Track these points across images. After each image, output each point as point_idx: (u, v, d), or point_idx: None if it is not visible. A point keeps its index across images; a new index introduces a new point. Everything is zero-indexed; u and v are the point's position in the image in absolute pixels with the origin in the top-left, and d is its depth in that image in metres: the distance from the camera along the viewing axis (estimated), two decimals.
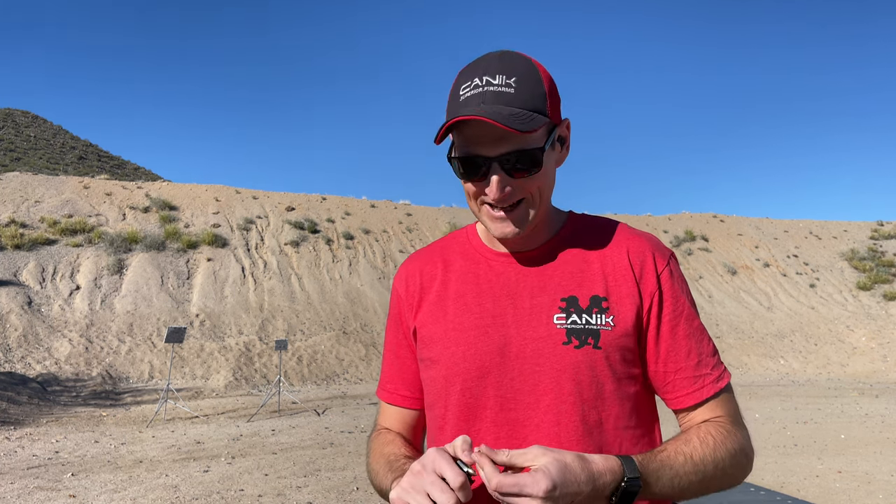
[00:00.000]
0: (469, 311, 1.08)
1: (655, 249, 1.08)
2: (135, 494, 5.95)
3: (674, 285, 1.06)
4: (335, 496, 5.93)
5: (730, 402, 1.08)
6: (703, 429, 1.02)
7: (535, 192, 1.01)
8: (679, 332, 1.05)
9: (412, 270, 1.17)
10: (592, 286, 1.04)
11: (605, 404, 1.01)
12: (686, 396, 1.05)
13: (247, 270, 21.33)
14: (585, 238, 1.09)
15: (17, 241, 19.22)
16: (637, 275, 1.04)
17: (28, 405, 11.23)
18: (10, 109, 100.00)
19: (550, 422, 1.01)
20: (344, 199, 28.56)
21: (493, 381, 1.04)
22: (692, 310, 1.07)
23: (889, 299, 26.71)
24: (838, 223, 34.66)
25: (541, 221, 1.09)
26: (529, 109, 0.97)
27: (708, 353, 1.06)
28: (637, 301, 1.03)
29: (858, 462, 7.55)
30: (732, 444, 1.01)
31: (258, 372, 16.00)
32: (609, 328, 1.02)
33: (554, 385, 1.01)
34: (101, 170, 77.03)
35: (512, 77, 0.98)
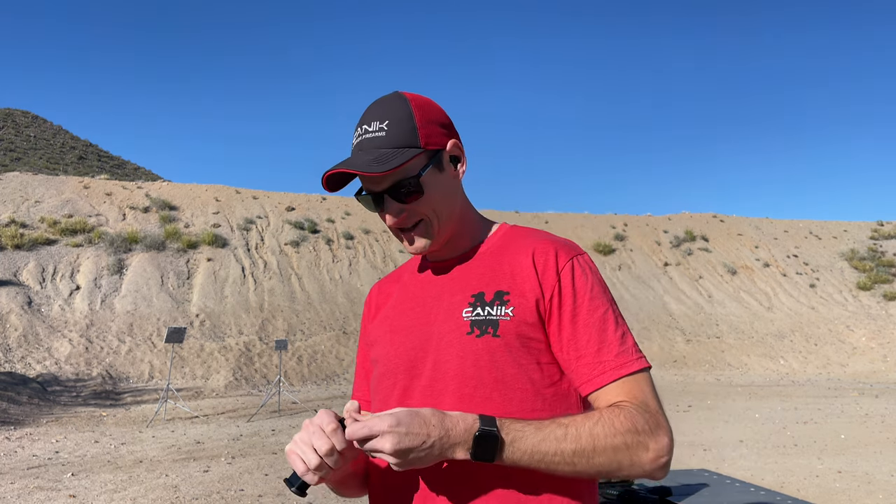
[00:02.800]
0: (403, 314, 1.23)
1: (560, 249, 1.15)
2: (135, 494, 5.95)
3: (574, 280, 1.12)
4: (335, 496, 5.93)
5: (637, 389, 1.07)
6: (599, 409, 1.05)
7: (429, 213, 1.16)
8: (579, 322, 1.10)
9: (373, 292, 1.37)
10: (499, 283, 1.15)
11: (508, 389, 1.09)
12: (587, 383, 1.09)
13: (247, 270, 21.33)
14: (505, 244, 1.21)
15: (17, 241, 19.23)
16: (539, 272, 1.13)
17: (28, 405, 11.24)
18: (10, 109, 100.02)
19: (457, 406, 1.09)
20: (344, 199, 28.57)
21: (416, 373, 1.16)
22: (596, 302, 1.11)
23: (889, 299, 26.72)
24: (838, 223, 34.67)
25: (458, 232, 1.22)
26: (400, 146, 1.13)
27: (612, 341, 1.09)
28: (538, 294, 1.11)
29: (858, 462, 7.56)
30: (621, 421, 1.01)
31: (258, 372, 16.00)
32: (508, 318, 1.10)
33: (459, 371, 1.11)
34: (101, 170, 77.05)
35: (385, 121, 1.15)
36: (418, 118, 1.16)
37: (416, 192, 1.14)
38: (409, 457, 0.96)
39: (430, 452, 0.97)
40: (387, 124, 1.14)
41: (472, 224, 1.25)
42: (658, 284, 26.07)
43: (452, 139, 1.20)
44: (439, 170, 1.17)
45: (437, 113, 1.20)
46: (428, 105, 1.20)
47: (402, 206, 1.16)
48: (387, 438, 0.95)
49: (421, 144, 1.14)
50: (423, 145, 1.15)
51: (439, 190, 1.17)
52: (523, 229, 1.24)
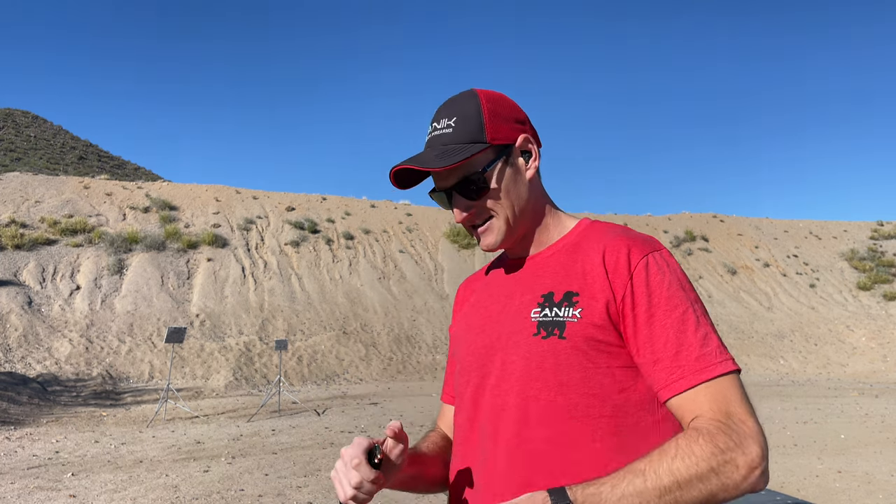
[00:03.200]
0: (478, 312, 1.24)
1: (633, 247, 1.09)
2: (135, 494, 5.95)
3: (649, 278, 1.06)
4: (335, 496, 5.93)
5: (719, 395, 1.01)
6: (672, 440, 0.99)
7: (497, 208, 1.16)
8: (655, 323, 1.04)
9: (461, 288, 1.39)
10: (570, 283, 1.11)
11: (573, 392, 1.06)
12: (665, 388, 1.04)
13: (247, 270, 21.33)
14: (580, 242, 1.17)
15: (17, 241, 19.23)
16: (609, 271, 1.08)
17: (28, 405, 11.24)
18: (10, 109, 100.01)
19: (521, 407, 1.09)
20: (344, 199, 28.57)
21: (487, 371, 1.16)
22: (674, 300, 1.05)
23: (889, 299, 26.71)
24: (838, 223, 34.66)
25: (532, 229, 1.21)
26: (466, 142, 1.14)
27: (692, 343, 1.03)
28: (608, 296, 1.07)
29: (858, 462, 7.56)
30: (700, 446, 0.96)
31: (258, 372, 16.00)
32: (575, 320, 1.07)
33: (524, 373, 1.10)
34: (101, 170, 77.05)
35: (453, 118, 1.16)
36: (486, 114, 1.16)
37: (483, 187, 1.15)
38: None
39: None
40: (454, 121, 1.16)
41: (549, 220, 1.23)
42: None
43: (523, 134, 1.19)
44: (508, 165, 1.16)
45: (508, 108, 1.19)
46: (499, 100, 1.19)
47: (470, 203, 1.16)
48: None
49: (487, 140, 1.14)
50: (489, 140, 1.14)
51: (507, 185, 1.16)
52: (602, 226, 1.20)
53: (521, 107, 1.23)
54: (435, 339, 19.95)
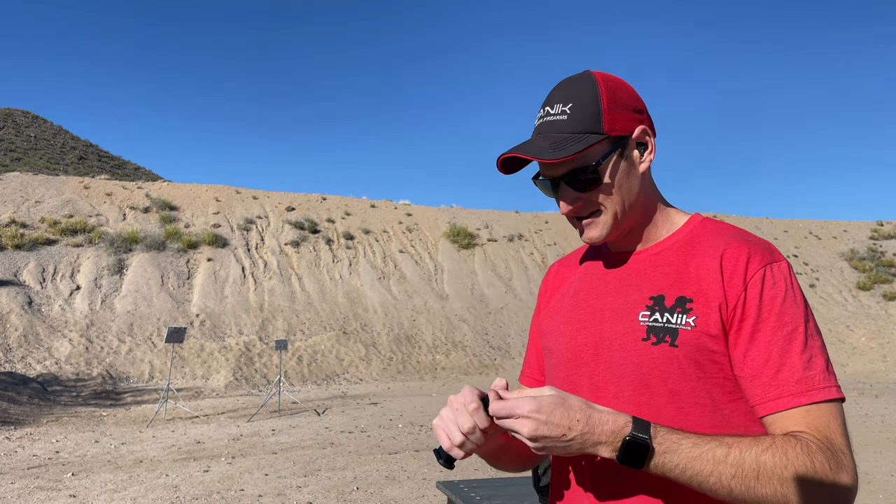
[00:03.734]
0: (578, 306, 1.18)
1: (753, 254, 1.04)
2: (135, 494, 5.95)
3: (763, 290, 1.01)
4: (335, 496, 5.93)
5: (820, 421, 0.96)
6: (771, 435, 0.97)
7: (606, 203, 1.10)
8: (760, 338, 1.00)
9: (551, 272, 1.33)
10: (683, 287, 1.06)
11: (683, 403, 1.03)
12: (760, 405, 1.00)
13: (247, 270, 21.33)
14: (695, 241, 1.12)
15: (17, 241, 19.23)
16: (726, 277, 1.04)
17: (28, 405, 11.24)
18: (10, 109, 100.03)
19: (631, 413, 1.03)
20: (344, 199, 28.57)
21: (586, 371, 1.11)
22: (785, 318, 1.01)
23: (889, 299, 26.72)
24: (838, 223, 34.68)
25: (641, 223, 1.15)
26: (581, 132, 1.07)
27: (796, 363, 0.98)
28: (722, 303, 1.03)
29: (858, 462, 7.53)
30: (797, 453, 0.91)
31: (258, 372, 16.00)
32: (689, 328, 1.03)
33: (633, 379, 1.05)
34: (101, 170, 77.07)
35: (569, 104, 1.09)
36: (605, 102, 1.09)
37: (594, 181, 1.08)
38: (546, 444, 0.94)
39: (569, 445, 0.94)
40: (570, 107, 1.09)
41: (658, 215, 1.17)
42: None
43: (641, 125, 1.12)
44: (623, 158, 1.10)
45: (627, 96, 1.12)
46: (618, 87, 1.12)
47: (578, 195, 1.10)
48: (525, 423, 0.93)
49: (604, 130, 1.08)
50: (606, 131, 1.08)
51: (620, 179, 1.10)
52: (716, 225, 1.14)
53: (638, 94, 1.16)
54: (435, 339, 19.95)
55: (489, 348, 20.01)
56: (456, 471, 6.93)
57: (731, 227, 1.13)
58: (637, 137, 1.12)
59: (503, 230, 28.27)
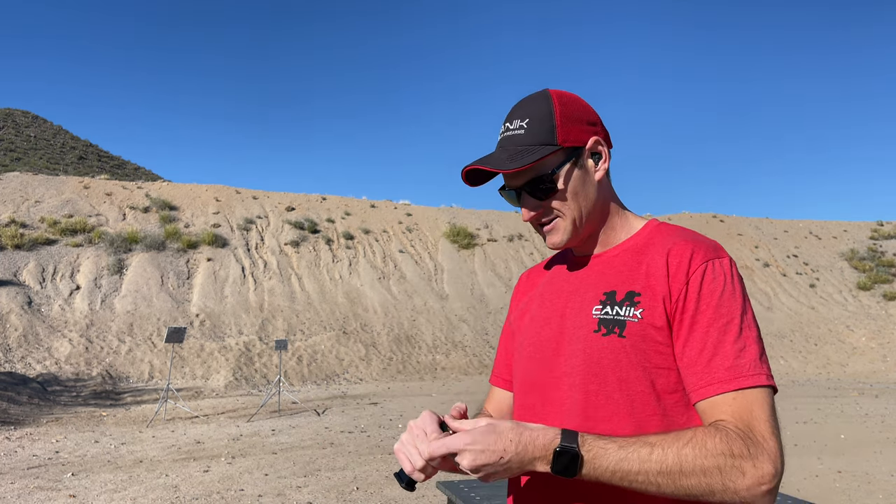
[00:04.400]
0: (543, 305, 1.27)
1: (696, 251, 1.11)
2: (135, 494, 5.95)
3: (703, 284, 1.08)
4: (335, 496, 5.93)
5: (745, 407, 1.01)
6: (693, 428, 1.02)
7: (564, 209, 1.19)
8: (697, 329, 1.07)
9: (522, 279, 1.41)
10: (633, 283, 1.14)
11: (630, 390, 1.10)
12: (693, 392, 1.06)
13: (247, 270, 21.33)
14: (649, 243, 1.20)
15: (17, 241, 19.23)
16: (671, 273, 1.11)
17: (28, 405, 11.24)
18: (10, 109, 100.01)
19: (580, 400, 1.13)
20: (344, 199, 28.57)
21: (547, 364, 1.20)
22: (722, 310, 1.07)
23: (889, 299, 26.71)
24: (838, 223, 34.67)
25: (599, 228, 1.24)
26: (537, 144, 1.16)
27: (727, 352, 1.04)
28: (666, 297, 1.10)
29: (858, 462, 7.56)
30: (715, 443, 0.97)
31: (258, 372, 16.00)
32: (636, 320, 1.10)
33: (585, 368, 1.13)
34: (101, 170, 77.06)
35: (525, 119, 1.19)
36: (559, 116, 1.18)
37: (551, 188, 1.17)
38: (488, 471, 1.00)
39: (508, 467, 0.99)
40: (527, 122, 1.18)
41: (616, 220, 1.25)
42: None
43: (594, 136, 1.21)
44: (578, 167, 1.19)
45: (580, 110, 1.21)
46: (572, 102, 1.21)
47: (538, 203, 1.19)
48: (464, 456, 0.99)
49: (558, 142, 1.17)
50: (560, 142, 1.17)
51: (576, 187, 1.19)
52: (669, 228, 1.22)
53: (593, 108, 1.25)
54: (435, 339, 19.95)
55: (489, 348, 20.00)
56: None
57: (683, 230, 1.20)
58: (590, 148, 1.20)
59: (503, 230, 28.27)
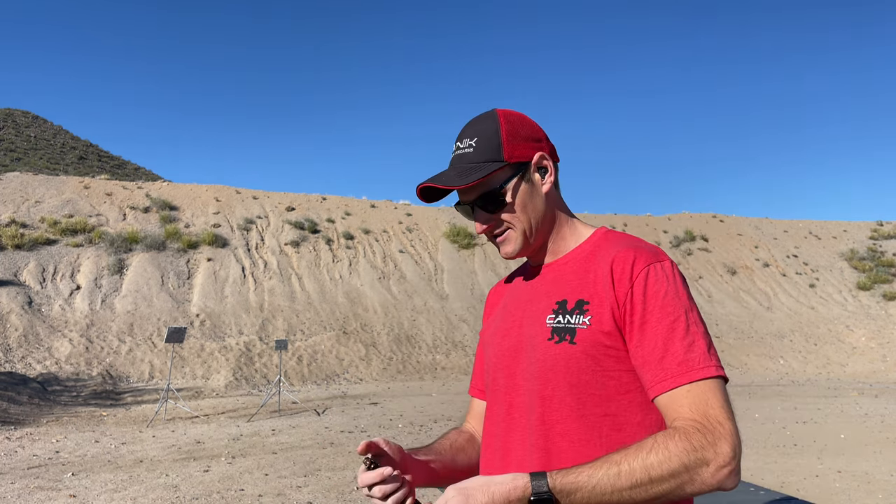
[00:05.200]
0: (503, 317, 1.33)
1: (638, 257, 1.16)
2: (135, 494, 5.95)
3: (647, 287, 1.13)
4: (335, 496, 5.93)
5: (699, 398, 1.07)
6: (654, 436, 1.06)
7: (514, 221, 1.25)
8: (646, 330, 1.12)
9: (490, 293, 1.48)
10: (582, 291, 1.20)
11: (582, 393, 1.15)
12: (649, 389, 1.12)
13: (247, 270, 21.34)
14: (596, 251, 1.25)
15: (17, 241, 19.23)
16: (615, 280, 1.16)
17: (28, 405, 11.24)
18: (10, 109, 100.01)
19: (537, 405, 1.18)
20: (344, 199, 28.57)
21: (506, 372, 1.26)
22: (667, 309, 1.12)
23: (889, 299, 26.72)
24: (838, 223, 34.67)
25: (550, 238, 1.30)
26: (485, 161, 1.23)
27: (677, 349, 1.09)
28: (613, 304, 1.15)
29: (858, 462, 7.56)
30: (675, 443, 1.02)
31: (258, 372, 16.01)
32: (584, 327, 1.16)
33: (540, 374, 1.18)
34: (101, 170, 77.06)
35: (474, 138, 1.25)
36: (504, 134, 1.25)
37: (500, 202, 1.24)
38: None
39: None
40: (475, 141, 1.25)
41: (566, 230, 1.31)
42: None
43: (539, 152, 1.27)
44: (524, 181, 1.25)
45: (526, 128, 1.28)
46: (518, 121, 1.28)
47: (489, 216, 1.26)
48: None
49: (504, 158, 1.23)
50: (506, 159, 1.23)
51: (524, 200, 1.25)
52: (615, 236, 1.27)
53: (539, 125, 1.31)
54: (435, 339, 19.96)
55: None
56: None
57: (627, 237, 1.26)
58: (536, 162, 1.26)
59: None
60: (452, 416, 10.96)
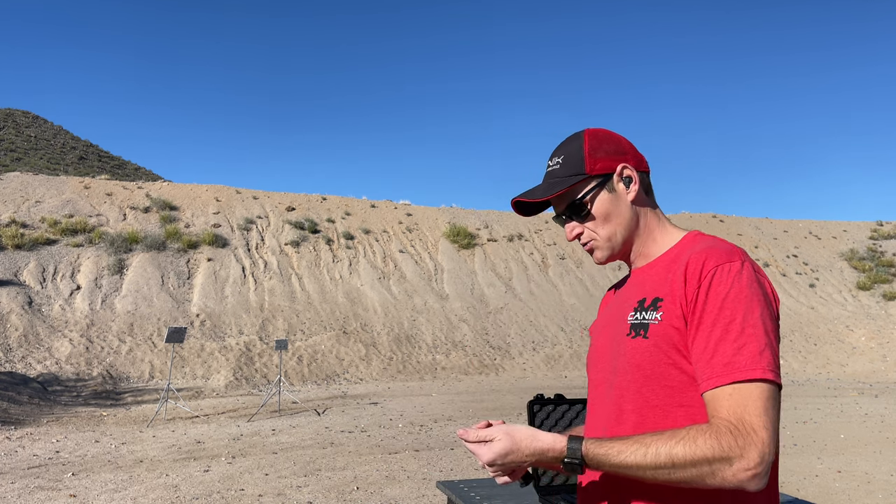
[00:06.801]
0: (604, 315, 1.45)
1: (709, 258, 1.21)
2: (135, 494, 5.96)
3: (711, 287, 1.18)
4: (335, 496, 5.94)
5: (739, 400, 1.10)
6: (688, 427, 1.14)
7: (597, 229, 1.36)
8: (702, 328, 1.17)
9: (607, 292, 1.57)
10: (659, 290, 1.27)
11: (656, 385, 1.23)
12: (700, 384, 1.17)
13: (247, 270, 21.34)
14: (680, 253, 1.31)
15: (17, 241, 19.24)
16: (687, 279, 1.22)
17: (29, 405, 11.25)
18: (10, 109, 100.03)
19: (614, 396, 1.29)
20: (344, 199, 28.58)
21: (597, 367, 1.38)
22: (725, 311, 1.16)
23: (888, 299, 26.72)
24: (838, 223, 34.68)
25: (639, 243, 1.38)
26: (569, 175, 1.35)
27: (726, 349, 1.13)
28: (682, 300, 1.21)
29: (858, 462, 7.57)
30: (704, 439, 1.09)
31: (258, 372, 16.01)
32: (657, 322, 1.23)
33: (619, 368, 1.29)
34: (101, 170, 77.05)
35: (561, 156, 1.38)
36: (587, 149, 1.35)
37: (583, 211, 1.35)
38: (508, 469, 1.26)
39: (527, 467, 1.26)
40: (562, 158, 1.37)
41: (656, 234, 1.38)
42: None
43: (622, 163, 1.35)
44: (608, 191, 1.35)
45: (610, 143, 1.37)
46: (602, 137, 1.37)
47: (576, 224, 1.37)
48: (491, 469, 1.25)
49: (586, 171, 1.34)
50: (587, 172, 1.34)
51: (608, 209, 1.35)
52: (701, 239, 1.32)
53: (627, 140, 1.40)
54: (435, 338, 19.96)
55: (489, 348, 20.02)
56: (456, 471, 6.95)
57: (712, 239, 1.30)
58: (619, 173, 1.35)
59: (503, 230, 28.28)
60: (453, 415, 10.97)
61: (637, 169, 1.36)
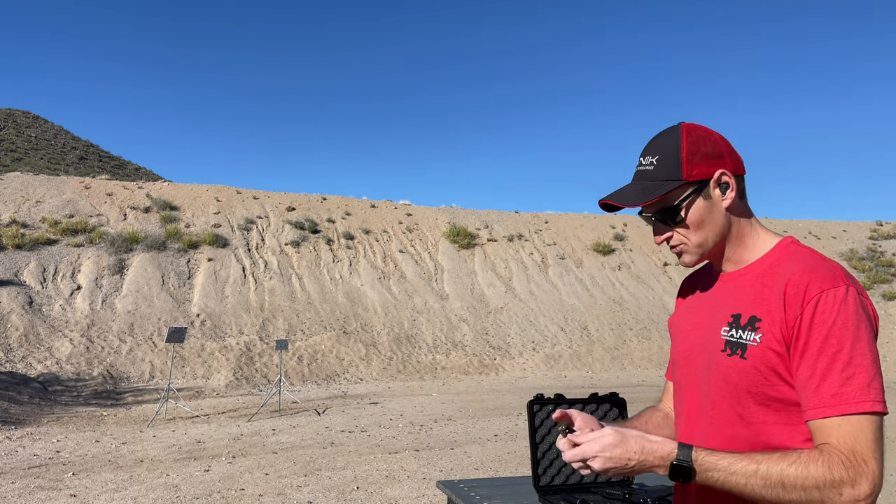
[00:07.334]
0: (685, 317, 1.44)
1: (812, 282, 1.18)
2: (136, 494, 5.97)
3: (815, 314, 1.16)
4: (335, 496, 5.95)
5: (849, 432, 1.11)
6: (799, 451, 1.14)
7: (689, 235, 1.32)
8: (807, 356, 1.16)
9: (685, 281, 1.57)
10: (756, 307, 1.25)
11: (749, 406, 1.24)
12: (805, 412, 1.17)
13: (247, 270, 21.35)
14: (775, 266, 1.28)
15: (18, 241, 19.24)
16: (787, 303, 1.20)
17: (29, 405, 11.26)
18: (10, 109, 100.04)
19: (705, 406, 1.30)
20: (344, 199, 28.58)
21: (682, 372, 1.39)
22: (832, 340, 1.14)
23: (889, 299, 26.73)
24: (838, 223, 34.69)
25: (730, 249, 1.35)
26: (664, 179, 1.30)
27: (834, 380, 1.13)
28: (783, 325, 1.20)
29: None
30: (817, 467, 1.09)
31: (259, 372, 16.02)
32: (755, 344, 1.22)
33: (712, 381, 1.29)
34: (101, 170, 77.05)
35: (655, 156, 1.32)
36: (685, 152, 1.29)
37: (677, 218, 1.31)
38: (614, 471, 1.20)
39: (631, 470, 1.20)
40: (656, 159, 1.31)
41: (749, 241, 1.34)
42: (658, 284, 26.10)
43: (720, 169, 1.30)
44: (704, 198, 1.30)
45: (708, 144, 1.31)
46: (701, 137, 1.31)
47: (666, 229, 1.34)
48: (595, 461, 1.19)
49: (683, 177, 1.29)
50: (684, 178, 1.28)
51: (702, 216, 1.30)
52: (797, 251, 1.29)
53: (725, 138, 1.34)
54: (435, 338, 19.97)
55: (489, 348, 20.02)
56: (456, 470, 6.96)
57: (809, 254, 1.27)
58: (716, 180, 1.30)
59: (503, 230, 28.29)
60: (453, 415, 10.97)
61: (734, 173, 1.31)
